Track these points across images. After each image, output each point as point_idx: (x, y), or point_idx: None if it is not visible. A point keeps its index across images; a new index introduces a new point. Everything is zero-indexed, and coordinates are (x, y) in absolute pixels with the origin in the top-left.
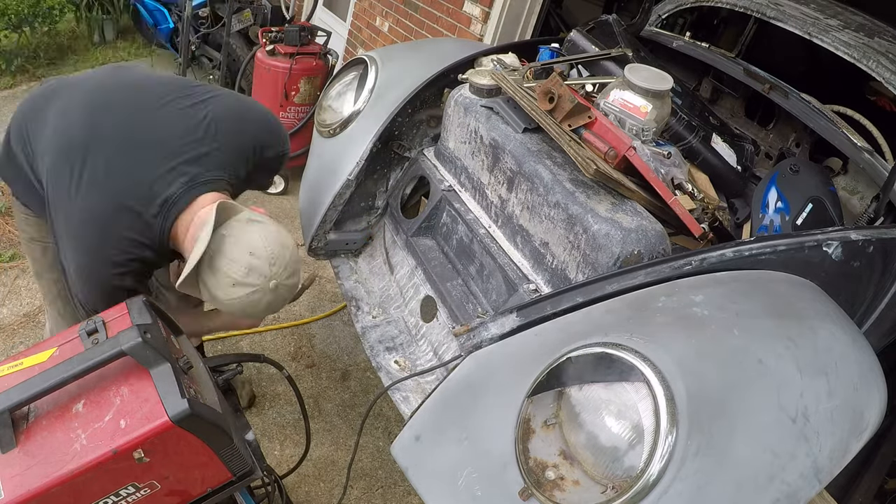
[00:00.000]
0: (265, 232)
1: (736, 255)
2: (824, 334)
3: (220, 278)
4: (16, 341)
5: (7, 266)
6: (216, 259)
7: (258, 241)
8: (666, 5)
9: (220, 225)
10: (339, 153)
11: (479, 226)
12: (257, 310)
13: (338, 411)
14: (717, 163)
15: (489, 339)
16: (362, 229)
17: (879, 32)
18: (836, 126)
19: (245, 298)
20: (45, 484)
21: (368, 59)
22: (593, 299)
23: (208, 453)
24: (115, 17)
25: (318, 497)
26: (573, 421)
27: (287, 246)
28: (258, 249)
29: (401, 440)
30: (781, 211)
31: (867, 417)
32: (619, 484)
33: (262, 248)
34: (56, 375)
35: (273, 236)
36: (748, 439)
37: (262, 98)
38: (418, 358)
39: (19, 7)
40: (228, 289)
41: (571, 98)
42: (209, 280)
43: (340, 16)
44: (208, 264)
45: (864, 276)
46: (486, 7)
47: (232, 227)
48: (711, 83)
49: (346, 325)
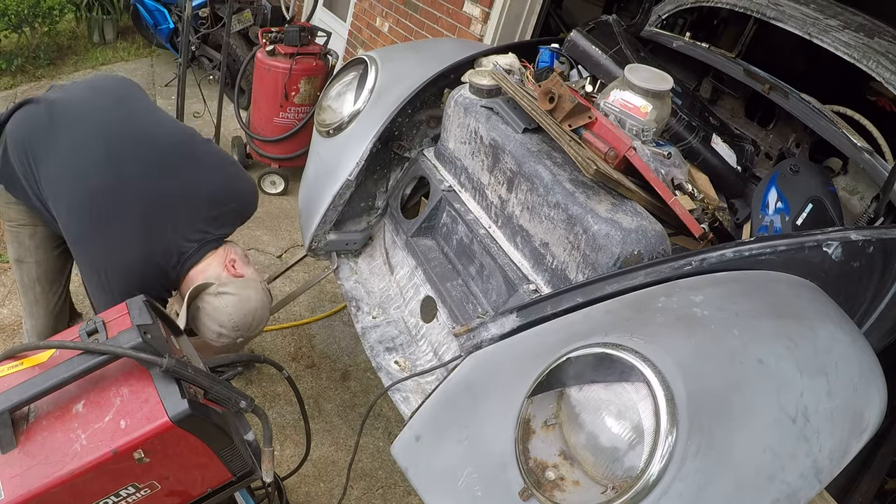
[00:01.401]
0: (230, 306)
1: (736, 255)
2: (824, 334)
3: (200, 336)
4: (16, 341)
5: (7, 266)
6: (195, 324)
7: (223, 318)
8: (666, 5)
9: (198, 297)
10: (338, 153)
11: (479, 226)
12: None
13: (338, 411)
14: (717, 163)
15: (489, 340)
16: (362, 229)
17: (879, 32)
18: (836, 126)
19: (221, 346)
20: (45, 484)
21: (368, 59)
22: (593, 299)
23: (208, 453)
24: (115, 17)
25: (318, 497)
26: (573, 421)
27: (249, 311)
28: (224, 322)
29: (401, 440)
30: (781, 211)
31: (867, 417)
32: (619, 484)
33: (228, 321)
34: (56, 375)
35: (235, 308)
36: (748, 439)
37: (263, 98)
38: (418, 358)
39: (19, 7)
40: (208, 342)
41: (572, 98)
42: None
43: (340, 16)
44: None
45: (864, 277)
46: (486, 7)
47: (205, 302)
48: (711, 83)
49: (346, 326)
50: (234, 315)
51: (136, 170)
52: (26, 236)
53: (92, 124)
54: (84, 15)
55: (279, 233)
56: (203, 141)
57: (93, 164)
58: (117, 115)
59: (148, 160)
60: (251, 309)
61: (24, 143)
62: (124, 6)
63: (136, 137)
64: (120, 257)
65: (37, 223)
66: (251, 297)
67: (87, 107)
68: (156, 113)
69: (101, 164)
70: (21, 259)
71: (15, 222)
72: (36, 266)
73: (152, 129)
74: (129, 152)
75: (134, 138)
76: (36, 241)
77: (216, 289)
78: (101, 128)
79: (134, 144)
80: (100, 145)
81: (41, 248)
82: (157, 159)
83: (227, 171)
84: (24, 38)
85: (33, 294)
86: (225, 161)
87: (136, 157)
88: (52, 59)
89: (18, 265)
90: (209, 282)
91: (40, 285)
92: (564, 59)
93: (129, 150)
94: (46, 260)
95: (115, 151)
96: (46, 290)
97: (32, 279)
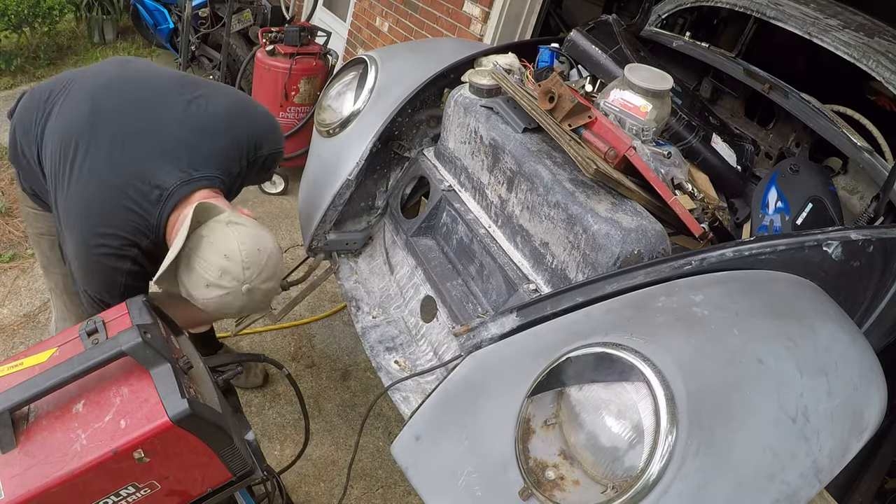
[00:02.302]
0: (243, 235)
1: (736, 254)
2: (824, 334)
3: (195, 278)
4: (16, 341)
5: (7, 266)
6: (192, 259)
7: (233, 245)
8: (666, 5)
9: (202, 225)
10: (338, 153)
11: (479, 226)
12: (231, 311)
13: (338, 411)
14: (717, 163)
15: (489, 339)
16: (362, 229)
17: (879, 32)
18: (836, 126)
19: (218, 300)
20: (45, 484)
21: (368, 58)
22: (593, 299)
23: (208, 453)
24: (115, 17)
25: (318, 497)
26: (573, 421)
27: (265, 250)
28: (233, 252)
29: (401, 440)
30: (781, 211)
31: (867, 417)
32: (619, 484)
33: (237, 252)
34: (56, 375)
35: (250, 239)
36: (748, 439)
37: (262, 98)
38: (418, 358)
39: (19, 7)
40: (202, 289)
41: (571, 98)
42: (185, 278)
43: (340, 16)
44: (185, 263)
45: (864, 276)
46: (486, 7)
47: (211, 229)
48: (711, 83)
49: (346, 325)
50: (247, 246)
51: (116, 102)
52: (47, 247)
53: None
54: (84, 15)
55: (279, 233)
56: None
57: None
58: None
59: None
60: (267, 248)
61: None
62: (124, 6)
63: (126, 80)
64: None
65: (55, 236)
66: (267, 237)
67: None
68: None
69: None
70: (47, 268)
71: (36, 230)
72: (62, 278)
73: (146, 74)
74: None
75: (123, 81)
76: (57, 254)
77: (228, 216)
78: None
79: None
80: (87, 92)
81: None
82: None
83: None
84: (24, 38)
85: (62, 301)
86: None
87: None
88: (52, 60)
89: (45, 272)
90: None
91: (67, 296)
92: (564, 59)
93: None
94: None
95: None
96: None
97: (60, 288)
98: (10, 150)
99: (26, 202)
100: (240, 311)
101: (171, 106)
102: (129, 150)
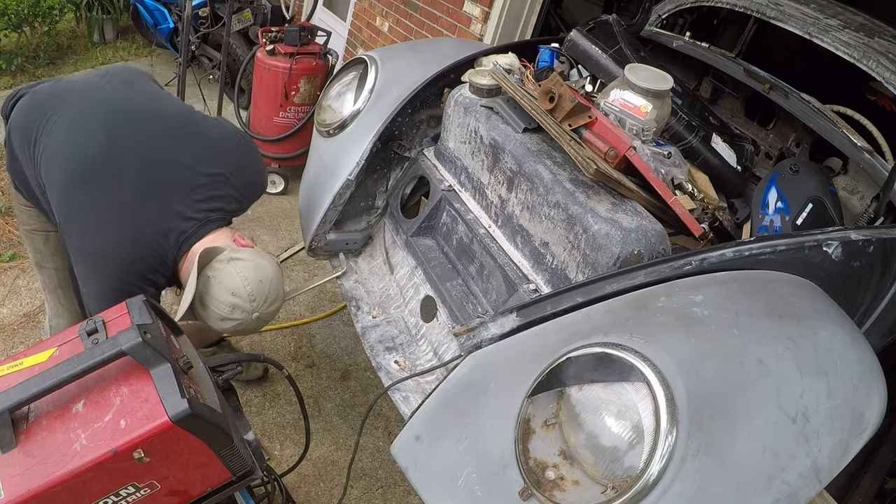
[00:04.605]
0: (244, 270)
1: (736, 255)
2: (824, 334)
3: (210, 314)
4: (16, 341)
5: (7, 266)
6: (205, 298)
7: (237, 283)
8: (666, 5)
9: (206, 266)
10: (338, 153)
11: (479, 226)
12: (247, 331)
13: (338, 411)
14: (717, 163)
15: (489, 339)
16: (362, 229)
17: (879, 32)
18: (836, 126)
19: (233, 328)
20: (45, 484)
21: (368, 58)
22: (593, 299)
23: (208, 453)
24: (115, 17)
25: (318, 497)
26: (573, 421)
27: (266, 279)
28: (238, 290)
29: (401, 440)
30: (781, 211)
31: (867, 417)
32: (619, 484)
33: (242, 288)
34: (56, 375)
35: (251, 273)
36: (748, 439)
37: (262, 98)
38: (418, 358)
39: (19, 7)
40: (218, 322)
41: (572, 98)
42: (202, 314)
43: (340, 16)
44: (199, 302)
45: (864, 276)
46: (486, 7)
47: (216, 269)
48: (711, 83)
49: (346, 325)
50: (250, 280)
51: (134, 138)
52: (40, 242)
53: (93, 102)
54: (84, 14)
55: (279, 232)
56: (207, 117)
57: (91, 135)
58: (120, 94)
59: (147, 131)
60: (268, 277)
61: (26, 129)
62: (124, 6)
63: (138, 112)
64: (112, 232)
65: (49, 229)
66: (266, 265)
67: (89, 87)
68: (160, 93)
69: (100, 133)
70: (40, 264)
71: (29, 226)
72: (56, 272)
73: (155, 106)
74: (129, 124)
75: (135, 113)
76: (51, 248)
77: (228, 255)
78: (103, 103)
79: (135, 118)
80: (100, 118)
81: (57, 255)
82: (158, 132)
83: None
84: (24, 37)
85: (56, 297)
86: (232, 136)
87: (135, 128)
88: (51, 59)
89: (39, 269)
90: (220, 247)
91: (62, 290)
92: (564, 59)
93: (130, 122)
94: (65, 268)
95: (115, 123)
96: (70, 296)
97: (54, 284)
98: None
99: (18, 198)
100: (254, 329)
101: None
102: (156, 194)
